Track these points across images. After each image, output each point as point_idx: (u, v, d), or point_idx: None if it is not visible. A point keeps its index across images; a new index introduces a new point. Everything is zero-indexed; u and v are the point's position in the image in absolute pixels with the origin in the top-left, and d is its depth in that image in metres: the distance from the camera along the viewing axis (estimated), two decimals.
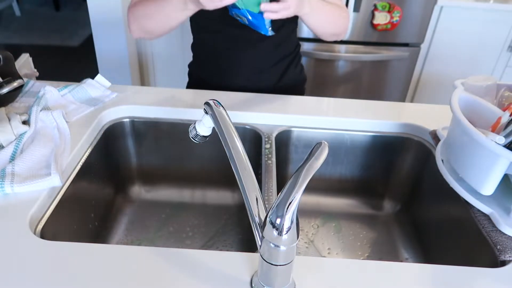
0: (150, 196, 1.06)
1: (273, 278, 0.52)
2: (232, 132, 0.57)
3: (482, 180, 0.67)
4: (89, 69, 2.25)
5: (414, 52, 2.20)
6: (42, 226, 0.67)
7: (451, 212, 0.82)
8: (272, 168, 0.84)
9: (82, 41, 3.78)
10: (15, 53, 1.03)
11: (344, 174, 1.04)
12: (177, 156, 1.04)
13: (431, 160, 0.92)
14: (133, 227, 0.96)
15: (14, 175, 0.70)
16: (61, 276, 0.56)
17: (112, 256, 0.59)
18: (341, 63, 2.21)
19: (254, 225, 0.51)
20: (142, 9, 0.96)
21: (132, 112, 0.99)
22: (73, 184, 0.78)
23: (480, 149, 0.66)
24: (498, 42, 2.25)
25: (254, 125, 0.97)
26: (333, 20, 1.04)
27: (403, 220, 1.01)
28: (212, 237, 0.95)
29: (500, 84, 0.79)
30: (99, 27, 2.16)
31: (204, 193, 1.07)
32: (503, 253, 0.63)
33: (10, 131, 0.79)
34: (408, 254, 0.93)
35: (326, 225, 0.99)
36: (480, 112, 0.74)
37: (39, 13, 4.44)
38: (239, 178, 0.54)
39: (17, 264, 0.57)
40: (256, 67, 1.10)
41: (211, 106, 0.61)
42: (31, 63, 1.18)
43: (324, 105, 1.03)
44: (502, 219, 0.67)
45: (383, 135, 0.99)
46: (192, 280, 0.56)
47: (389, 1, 2.02)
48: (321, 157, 0.47)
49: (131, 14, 0.99)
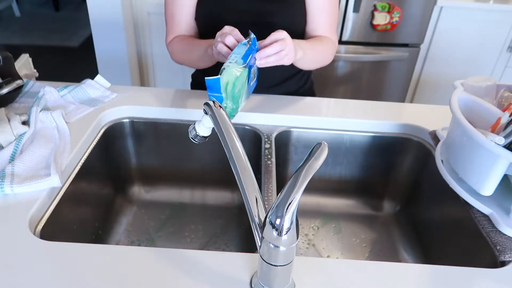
0: (150, 197, 1.06)
1: (273, 278, 0.52)
2: (231, 133, 0.57)
3: (482, 181, 0.67)
4: (89, 69, 2.25)
5: (414, 52, 2.20)
6: (42, 227, 0.66)
7: (451, 212, 0.82)
8: (272, 168, 0.84)
9: (81, 41, 3.78)
10: (15, 54, 1.03)
11: (344, 174, 1.04)
12: (177, 156, 1.04)
13: (431, 160, 0.92)
14: (133, 228, 0.96)
15: (13, 175, 0.70)
16: (61, 276, 0.56)
17: (112, 257, 0.59)
18: (341, 64, 2.21)
19: (254, 225, 0.51)
20: (178, 48, 1.06)
21: (132, 112, 0.99)
22: (73, 185, 0.78)
23: (479, 150, 0.66)
24: (498, 42, 2.25)
25: (254, 125, 0.97)
26: (321, 58, 1.05)
27: (402, 221, 1.01)
28: (212, 237, 0.95)
29: (500, 84, 0.79)
30: (99, 28, 2.17)
31: (204, 193, 1.07)
32: (503, 254, 0.63)
33: (9, 132, 0.79)
34: (408, 254, 0.93)
35: (326, 226, 0.99)
36: (479, 112, 0.74)
37: (38, 14, 4.44)
38: (239, 179, 0.54)
39: (16, 264, 0.57)
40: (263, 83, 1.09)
41: (211, 106, 0.61)
42: (30, 64, 1.18)
43: (323, 106, 1.03)
44: (502, 219, 0.67)
45: (382, 135, 0.99)
46: (192, 280, 0.56)
47: (389, 2, 2.02)
48: (320, 158, 0.47)
49: (171, 51, 1.09)
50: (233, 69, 0.78)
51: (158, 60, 2.36)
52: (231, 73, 0.77)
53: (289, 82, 1.11)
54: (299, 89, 1.15)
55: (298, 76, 1.13)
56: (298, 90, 1.14)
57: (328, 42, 1.05)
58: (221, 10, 1.01)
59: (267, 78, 1.09)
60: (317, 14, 1.03)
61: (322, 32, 1.04)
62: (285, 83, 1.11)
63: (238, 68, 0.78)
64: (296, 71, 1.12)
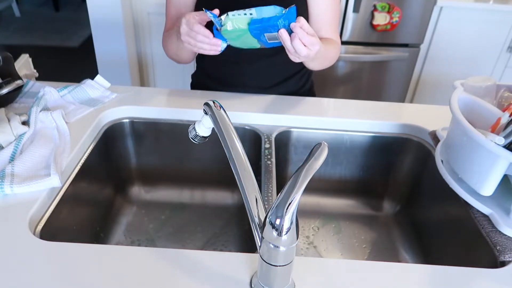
0: (149, 197, 1.06)
1: (273, 278, 0.52)
2: (231, 133, 0.57)
3: (482, 181, 0.67)
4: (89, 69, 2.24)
5: (414, 52, 2.20)
6: (42, 227, 0.66)
7: (450, 212, 0.82)
8: (272, 168, 0.84)
9: (81, 41, 3.78)
10: (15, 54, 1.03)
11: (344, 174, 1.04)
12: (177, 156, 1.04)
13: (431, 160, 0.92)
14: (132, 228, 0.96)
15: (13, 175, 0.70)
16: (61, 276, 0.56)
17: (112, 257, 0.59)
18: (341, 64, 2.21)
19: (254, 225, 0.51)
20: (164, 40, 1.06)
21: (132, 112, 0.99)
22: (73, 185, 0.78)
23: (479, 150, 0.66)
24: (498, 42, 2.25)
25: (253, 125, 0.97)
26: (329, 62, 1.05)
27: (402, 221, 1.01)
28: (212, 237, 0.95)
29: (500, 84, 0.79)
30: (98, 28, 2.17)
31: (203, 193, 1.07)
32: (503, 254, 0.63)
33: (9, 132, 0.79)
34: (407, 254, 0.93)
35: (325, 226, 0.99)
36: (479, 112, 0.74)
37: (38, 14, 4.44)
38: (239, 179, 0.54)
39: (16, 264, 0.57)
40: (263, 83, 1.10)
41: (211, 106, 0.61)
42: (30, 64, 1.18)
43: (323, 106, 1.03)
44: (502, 219, 0.67)
45: (382, 135, 0.99)
46: (192, 281, 0.56)
47: (389, 2, 2.02)
48: (320, 158, 0.47)
49: (163, 45, 1.08)
50: (240, 22, 0.81)
51: (158, 60, 2.37)
52: (239, 22, 0.81)
53: (289, 82, 1.11)
54: (299, 90, 1.14)
55: (298, 76, 1.13)
56: (298, 91, 1.14)
57: (335, 45, 1.04)
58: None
59: (267, 78, 1.10)
60: (320, 15, 1.02)
61: (325, 33, 1.04)
62: (285, 83, 1.11)
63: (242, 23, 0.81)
64: (296, 71, 1.12)
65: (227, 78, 1.10)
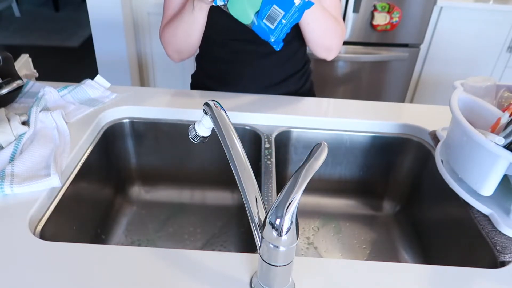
0: (149, 197, 1.06)
1: (273, 278, 0.52)
2: (231, 133, 0.57)
3: (482, 181, 0.67)
4: (89, 69, 2.25)
5: (414, 52, 2.20)
6: (42, 227, 0.66)
7: (450, 212, 0.82)
8: (272, 168, 0.84)
9: (81, 41, 3.78)
10: (15, 54, 1.03)
11: (344, 174, 1.04)
12: (177, 156, 1.04)
13: (431, 160, 0.92)
14: (132, 228, 0.96)
15: (13, 175, 0.70)
16: (61, 276, 0.56)
17: (112, 257, 0.59)
18: (341, 64, 2.21)
19: (254, 225, 0.51)
20: (167, 30, 1.03)
21: (132, 112, 0.99)
22: (73, 185, 0.78)
23: (479, 150, 0.66)
24: (498, 42, 2.25)
25: (253, 125, 0.97)
26: (332, 28, 0.99)
27: (402, 221, 1.01)
28: (212, 237, 0.95)
29: (500, 84, 0.79)
30: (98, 28, 2.17)
31: (203, 193, 1.07)
32: (503, 254, 0.63)
33: (9, 132, 0.79)
34: (407, 254, 0.93)
35: (325, 226, 0.99)
36: (479, 112, 0.74)
37: (38, 14, 4.44)
38: (239, 179, 0.54)
39: (16, 264, 0.57)
40: (262, 83, 1.09)
41: (211, 106, 0.61)
42: (30, 64, 1.18)
43: (323, 106, 1.03)
44: (502, 219, 0.67)
45: (382, 135, 0.99)
46: (192, 281, 0.56)
47: (389, 2, 2.03)
48: (320, 158, 0.47)
49: (163, 40, 1.06)
50: None
51: (158, 60, 2.37)
52: None
53: (289, 82, 1.11)
54: (299, 90, 1.14)
55: (297, 76, 1.13)
56: (298, 91, 1.14)
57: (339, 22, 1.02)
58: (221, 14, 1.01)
59: (267, 78, 1.10)
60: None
61: None
62: (285, 83, 1.11)
63: None
64: (296, 70, 1.12)
65: (227, 78, 1.10)
